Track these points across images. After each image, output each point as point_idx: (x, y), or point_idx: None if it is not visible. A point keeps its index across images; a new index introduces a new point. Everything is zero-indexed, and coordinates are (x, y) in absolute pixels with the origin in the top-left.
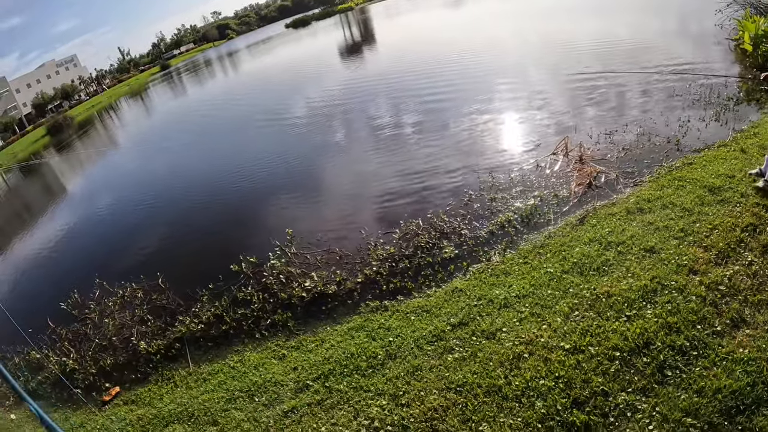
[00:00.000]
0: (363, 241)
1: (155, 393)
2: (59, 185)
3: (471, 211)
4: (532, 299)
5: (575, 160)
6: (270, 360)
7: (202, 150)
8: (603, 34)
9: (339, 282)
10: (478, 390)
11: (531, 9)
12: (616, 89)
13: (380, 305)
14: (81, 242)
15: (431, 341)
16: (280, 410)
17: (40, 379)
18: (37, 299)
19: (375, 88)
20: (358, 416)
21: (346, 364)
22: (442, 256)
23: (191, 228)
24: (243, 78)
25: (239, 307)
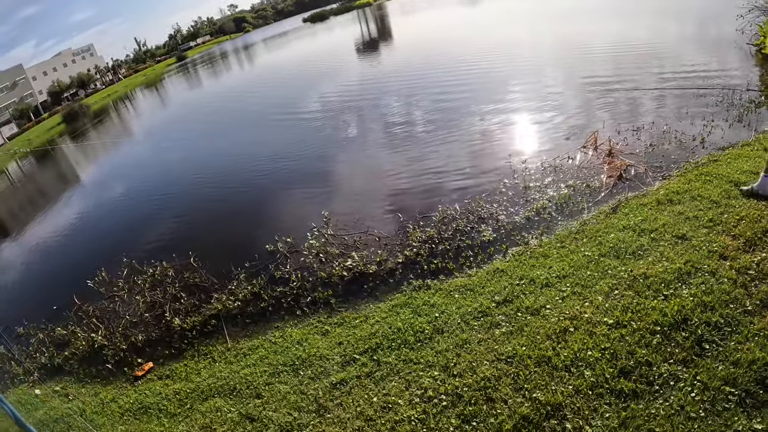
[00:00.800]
0: (400, 225)
1: (192, 368)
2: (81, 171)
3: (506, 198)
4: (572, 279)
5: (605, 154)
6: (313, 335)
7: (228, 140)
8: (625, 36)
9: (379, 262)
10: (528, 361)
11: (550, 9)
12: (640, 90)
13: (422, 284)
14: (106, 225)
15: (477, 317)
16: (328, 382)
17: (67, 354)
18: (62, 277)
19: (398, 83)
20: (410, 387)
21: (394, 338)
22: (481, 239)
23: (220, 212)
24: (260, 71)
25: (277, 285)
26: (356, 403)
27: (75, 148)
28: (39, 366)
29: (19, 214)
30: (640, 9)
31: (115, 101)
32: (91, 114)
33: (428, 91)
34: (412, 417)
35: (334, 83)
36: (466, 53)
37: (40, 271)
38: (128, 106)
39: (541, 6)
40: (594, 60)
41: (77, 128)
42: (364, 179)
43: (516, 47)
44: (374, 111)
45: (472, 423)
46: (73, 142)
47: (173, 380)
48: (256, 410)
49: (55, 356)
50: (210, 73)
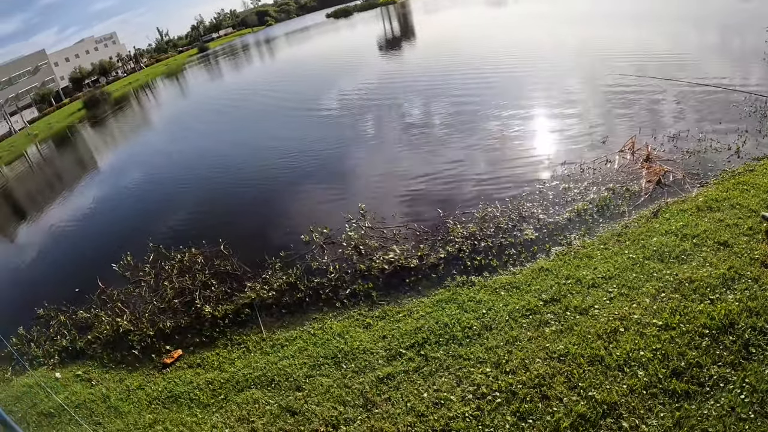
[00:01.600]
0: (440, 220)
1: (225, 357)
2: (103, 156)
3: (547, 199)
4: (618, 281)
5: (642, 159)
6: (354, 328)
7: (255, 133)
8: (658, 44)
9: (421, 256)
10: (581, 359)
11: (576, 12)
12: (676, 98)
13: (467, 280)
14: (129, 210)
15: (525, 315)
16: (374, 377)
17: (90, 338)
18: (85, 260)
19: (427, 83)
20: (462, 383)
21: (441, 334)
22: (524, 238)
23: (250, 202)
24: (283, 66)
25: (313, 276)
26: (405, 399)
27: (96, 134)
28: (60, 349)
29: (41, 196)
30: (664, 15)
31: (136, 89)
32: (112, 101)
33: (457, 93)
34: (466, 414)
35: (362, 81)
36: (491, 55)
37: (62, 253)
38: (149, 95)
39: (564, 9)
40: (624, 66)
41: (98, 114)
42: (400, 176)
43: (545, 50)
44: (410, 109)
45: (528, 420)
46: (93, 128)
47: (205, 369)
48: (297, 403)
49: (77, 339)
50: (232, 65)
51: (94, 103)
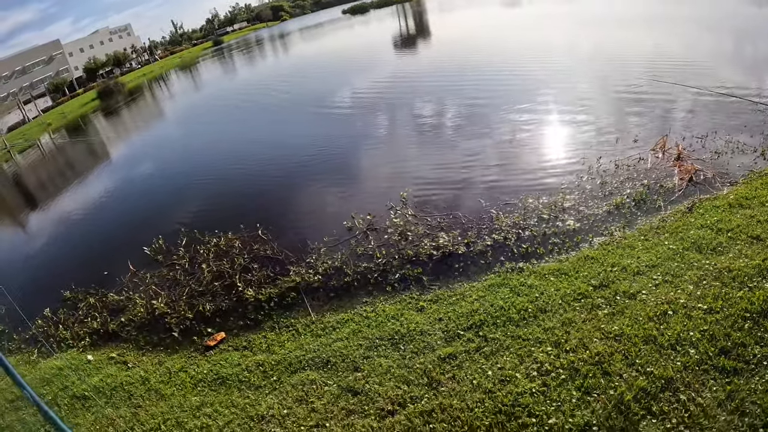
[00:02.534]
0: (483, 210)
1: (273, 340)
2: (126, 144)
3: (585, 192)
4: (661, 269)
5: (673, 158)
6: (408, 311)
7: (274, 126)
8: (681, 49)
9: (468, 243)
10: (635, 339)
11: (596, 15)
12: (701, 102)
13: (515, 266)
14: (157, 196)
15: (577, 299)
16: (435, 356)
17: (123, 320)
18: (113, 244)
19: (450, 82)
20: (524, 361)
21: (497, 316)
22: (566, 228)
23: (285, 189)
24: (300, 60)
25: (359, 261)
26: (470, 377)
27: (111, 124)
28: (90, 331)
29: (63, 182)
30: (688, 20)
31: (150, 81)
32: (126, 92)
33: (484, 91)
34: (533, 389)
35: (386, 78)
36: (514, 54)
37: (88, 237)
38: (164, 87)
39: (580, 9)
40: (651, 70)
41: (111, 105)
42: (439, 167)
43: (567, 52)
44: (444, 105)
45: (593, 394)
46: (108, 118)
47: (253, 351)
48: (358, 383)
49: (108, 322)
50: (247, 59)
51: (109, 94)
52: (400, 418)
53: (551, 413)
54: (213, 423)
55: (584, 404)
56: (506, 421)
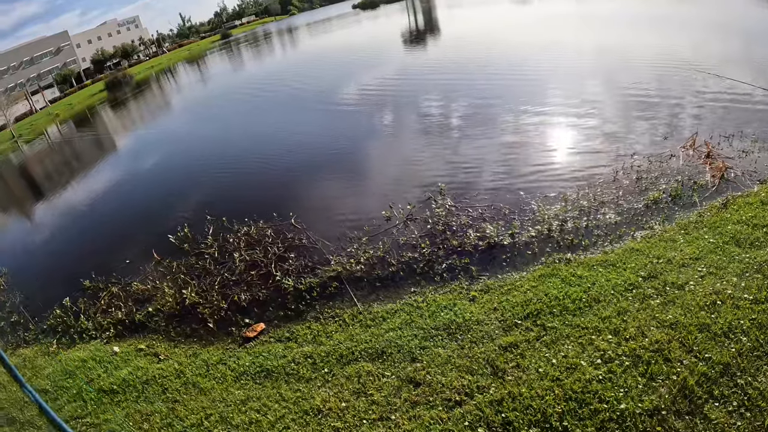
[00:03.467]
0: (523, 201)
1: (319, 330)
2: (135, 135)
3: (622, 187)
4: (704, 262)
5: (704, 155)
6: (460, 301)
7: (289, 120)
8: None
9: (512, 234)
10: (690, 327)
11: (611, 13)
12: (732, 101)
13: (562, 257)
14: (178, 187)
15: (628, 289)
16: (496, 346)
17: (150, 310)
18: (133, 231)
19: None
20: (586, 349)
21: (553, 306)
22: (607, 221)
23: (314, 179)
24: (308, 56)
25: (402, 251)
26: (535, 365)
27: (119, 115)
28: (114, 322)
29: (79, 171)
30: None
31: (158, 73)
32: (134, 83)
33: (507, 86)
34: (599, 376)
35: (403, 74)
36: (540, 51)
37: (107, 225)
38: (171, 79)
39: (592, 8)
40: (678, 68)
41: (119, 96)
42: (478, 158)
43: (590, 49)
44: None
45: (657, 380)
46: (116, 109)
47: (298, 343)
48: (419, 374)
49: (134, 312)
50: (255, 53)
51: (117, 85)
52: (469, 408)
53: (621, 399)
54: (263, 418)
55: (650, 389)
56: (578, 408)
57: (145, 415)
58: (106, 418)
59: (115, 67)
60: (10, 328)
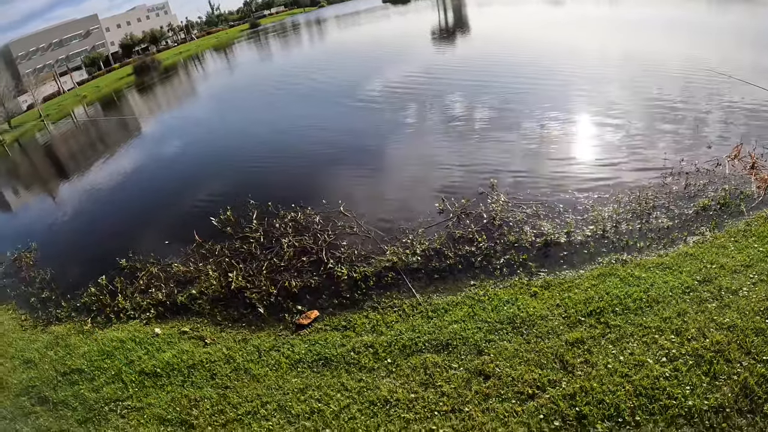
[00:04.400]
0: (577, 201)
1: (378, 320)
2: (166, 119)
3: (671, 192)
4: (755, 269)
5: (748, 166)
6: (522, 296)
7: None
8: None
9: (568, 233)
10: (747, 330)
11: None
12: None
13: (618, 258)
14: (215, 170)
15: (685, 291)
16: (562, 341)
17: (194, 293)
18: (172, 212)
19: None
20: (650, 348)
21: (615, 304)
22: (659, 225)
23: (361, 169)
24: (340, 47)
25: (458, 244)
26: (604, 361)
27: (147, 100)
28: (155, 302)
29: (113, 152)
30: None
31: (186, 59)
32: (162, 69)
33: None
34: (665, 374)
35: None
36: (581, 55)
37: (142, 205)
38: (200, 66)
39: (627, 11)
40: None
41: (146, 81)
42: (530, 155)
43: (630, 52)
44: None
45: (720, 379)
46: (144, 93)
47: (356, 332)
48: (487, 367)
49: (175, 293)
50: (283, 43)
51: (144, 70)
52: (542, 401)
53: (687, 396)
54: (326, 408)
55: (714, 388)
56: (648, 404)
57: (193, 400)
58: (149, 402)
59: (143, 52)
60: (41, 304)
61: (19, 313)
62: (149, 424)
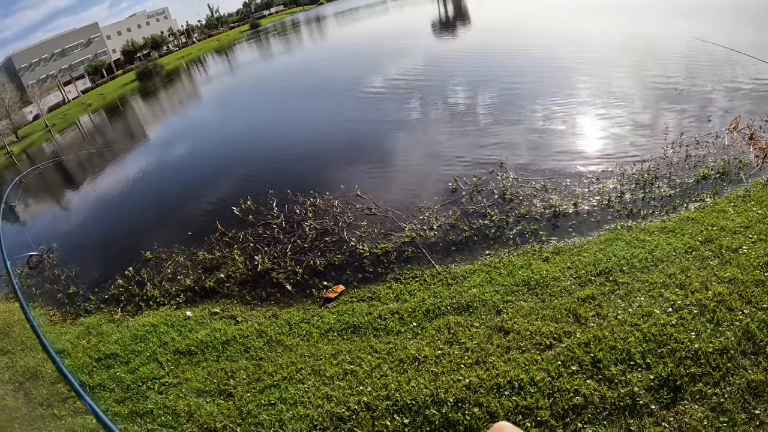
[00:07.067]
0: (582, 174)
1: (401, 290)
2: (170, 121)
3: (672, 164)
4: (754, 230)
5: (747, 137)
6: (535, 261)
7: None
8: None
9: (575, 204)
10: (747, 283)
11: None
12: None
13: (624, 224)
14: (225, 164)
15: (688, 251)
16: (575, 298)
17: (222, 277)
18: (192, 205)
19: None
20: (657, 300)
21: (622, 264)
22: (661, 194)
23: (373, 155)
24: (345, 43)
25: (472, 219)
26: (614, 314)
27: (151, 104)
28: (183, 288)
29: (124, 153)
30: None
31: (188, 63)
32: (164, 73)
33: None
34: (672, 322)
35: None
36: (583, 37)
37: (162, 201)
38: (201, 69)
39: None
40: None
41: (150, 86)
42: (536, 132)
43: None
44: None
45: (723, 325)
46: (148, 98)
47: (381, 301)
48: (507, 324)
49: (203, 279)
50: (284, 42)
51: (147, 75)
52: (559, 350)
53: (693, 340)
54: (358, 368)
55: (718, 333)
56: (657, 348)
57: (230, 372)
58: (186, 377)
59: (145, 57)
60: (68, 300)
61: (46, 309)
62: (188, 396)
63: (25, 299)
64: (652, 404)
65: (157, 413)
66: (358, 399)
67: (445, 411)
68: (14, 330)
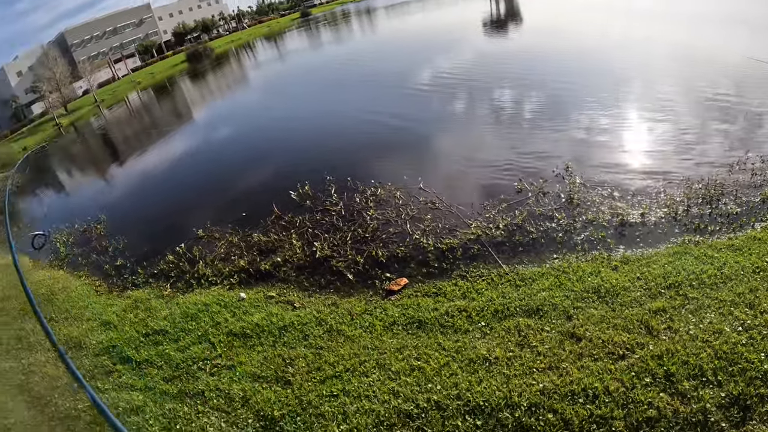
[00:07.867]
0: (650, 186)
1: (468, 288)
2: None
3: (737, 181)
4: None
5: None
6: (604, 269)
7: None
8: None
9: (643, 214)
10: None
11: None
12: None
13: (691, 239)
14: (287, 145)
15: (756, 271)
16: (646, 310)
17: (278, 260)
18: (245, 189)
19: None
20: (727, 318)
21: (692, 279)
22: (728, 211)
23: (434, 151)
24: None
25: (538, 221)
26: (685, 328)
27: (200, 86)
28: (237, 269)
29: (179, 131)
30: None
31: (237, 48)
32: (214, 56)
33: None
34: (742, 341)
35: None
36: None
37: (218, 179)
38: (251, 54)
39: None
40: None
41: (199, 68)
42: (605, 145)
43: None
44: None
45: None
46: (198, 80)
47: (447, 298)
48: (578, 330)
49: (258, 261)
50: (335, 33)
51: (197, 57)
52: (633, 360)
53: (763, 360)
54: (425, 365)
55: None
56: (728, 366)
57: (288, 359)
58: (240, 361)
59: (195, 40)
60: (115, 271)
61: (92, 279)
62: (242, 381)
63: (70, 268)
64: (722, 422)
65: (209, 395)
66: (427, 397)
67: (519, 415)
68: (58, 297)
